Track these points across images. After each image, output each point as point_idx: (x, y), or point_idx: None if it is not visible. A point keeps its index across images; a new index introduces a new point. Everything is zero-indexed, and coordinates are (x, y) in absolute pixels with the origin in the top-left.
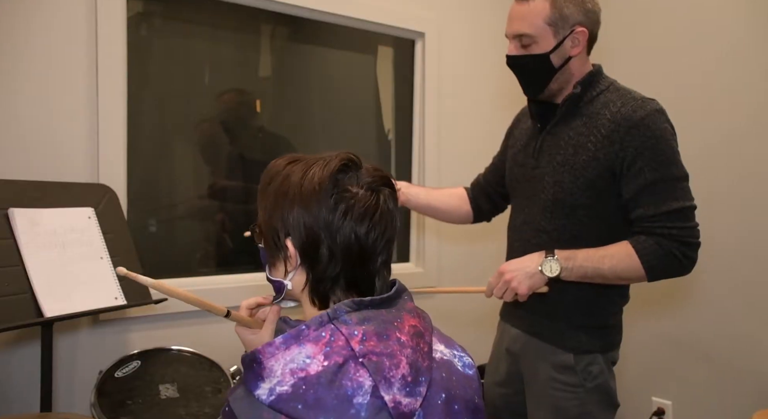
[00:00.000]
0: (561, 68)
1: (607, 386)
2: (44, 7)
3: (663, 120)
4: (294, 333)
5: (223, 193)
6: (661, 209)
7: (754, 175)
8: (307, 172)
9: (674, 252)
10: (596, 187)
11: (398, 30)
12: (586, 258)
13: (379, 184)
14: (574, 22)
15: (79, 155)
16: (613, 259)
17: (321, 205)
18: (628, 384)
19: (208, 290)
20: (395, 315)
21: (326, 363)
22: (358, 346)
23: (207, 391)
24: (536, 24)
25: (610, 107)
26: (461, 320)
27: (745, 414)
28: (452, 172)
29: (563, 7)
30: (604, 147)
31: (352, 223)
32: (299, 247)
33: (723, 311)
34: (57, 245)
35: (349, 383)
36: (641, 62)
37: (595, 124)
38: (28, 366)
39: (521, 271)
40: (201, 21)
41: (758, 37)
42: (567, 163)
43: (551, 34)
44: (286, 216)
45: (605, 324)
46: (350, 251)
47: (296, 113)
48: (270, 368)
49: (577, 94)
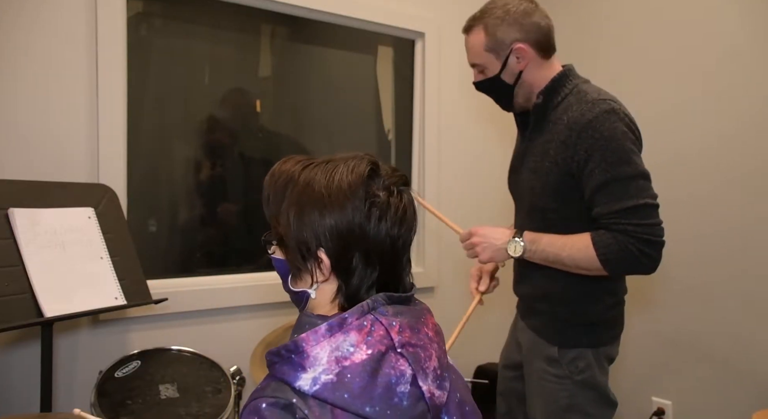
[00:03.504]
0: (516, 83)
1: (595, 381)
2: (44, 7)
3: (613, 120)
4: (337, 321)
5: (230, 213)
6: (614, 207)
7: (755, 175)
8: (332, 177)
9: (630, 248)
10: (560, 191)
11: (398, 30)
12: (549, 243)
13: (400, 184)
14: (510, 40)
15: (79, 155)
16: (572, 249)
17: (356, 212)
18: (628, 384)
19: (209, 290)
20: (420, 312)
21: (369, 351)
22: (397, 337)
23: (207, 391)
24: (479, 53)
25: (568, 112)
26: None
27: (745, 414)
28: (452, 172)
29: (496, 32)
30: (561, 152)
31: (386, 227)
32: (333, 256)
33: (723, 311)
34: (57, 245)
35: (392, 371)
36: (640, 62)
37: (557, 129)
38: (28, 366)
39: (488, 242)
40: (201, 21)
41: (757, 37)
42: (537, 169)
43: (494, 58)
44: (316, 226)
45: (594, 320)
46: (385, 255)
47: (296, 113)
48: (315, 356)
49: (540, 103)
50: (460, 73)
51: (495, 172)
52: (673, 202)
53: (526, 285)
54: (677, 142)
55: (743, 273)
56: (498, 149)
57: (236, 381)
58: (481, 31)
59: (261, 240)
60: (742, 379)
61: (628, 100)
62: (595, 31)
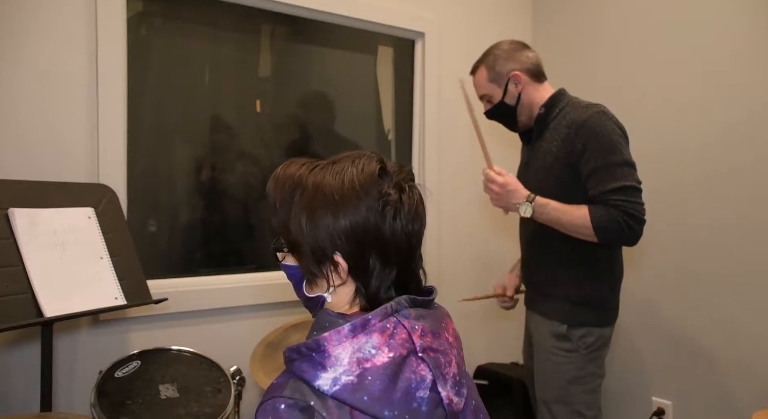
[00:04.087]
0: (518, 104)
1: (599, 355)
2: (44, 8)
3: (604, 119)
4: (360, 323)
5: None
6: (607, 188)
7: (755, 175)
8: (342, 178)
9: (618, 220)
10: (563, 182)
11: (398, 30)
12: (555, 208)
13: (408, 180)
14: (507, 71)
15: (79, 155)
16: (572, 216)
17: (370, 212)
18: (628, 384)
19: (209, 290)
20: (441, 316)
21: (391, 354)
22: (419, 341)
23: (207, 391)
24: (485, 85)
25: (566, 118)
26: (469, 320)
27: (745, 414)
28: (452, 172)
29: (495, 67)
30: (563, 147)
31: (401, 224)
32: (350, 259)
33: (723, 311)
34: (57, 245)
35: (413, 376)
36: (640, 61)
37: (558, 132)
38: (28, 366)
39: (505, 195)
40: (201, 21)
41: (757, 37)
42: (542, 166)
43: (496, 86)
44: (331, 229)
45: (599, 301)
46: (401, 253)
47: (296, 113)
48: (336, 356)
49: (542, 114)
50: (460, 73)
51: None
52: (673, 202)
53: (539, 272)
54: (678, 141)
55: (744, 274)
56: (498, 149)
57: (236, 381)
58: (483, 69)
59: (271, 248)
60: (742, 379)
61: (628, 99)
62: (596, 31)
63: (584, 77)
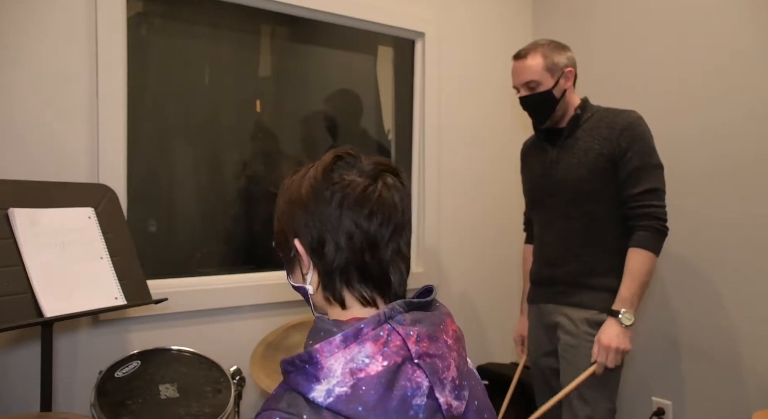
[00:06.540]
0: (561, 98)
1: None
2: (44, 8)
3: (643, 124)
4: (352, 332)
5: None
6: (642, 188)
7: (755, 175)
8: (306, 174)
9: (655, 226)
10: (603, 174)
11: (398, 30)
12: (628, 288)
13: (379, 171)
14: (563, 64)
15: (79, 155)
16: (639, 271)
17: (318, 201)
18: (628, 384)
19: (209, 290)
20: (439, 319)
21: (385, 363)
22: (415, 347)
23: (207, 391)
24: (538, 72)
25: (604, 120)
26: (469, 320)
27: (745, 414)
28: (452, 171)
29: (553, 57)
30: (606, 145)
31: (350, 212)
32: (308, 247)
33: (723, 311)
34: (57, 245)
35: (408, 383)
36: (639, 61)
37: (597, 132)
38: (28, 366)
39: (615, 337)
40: (201, 21)
41: (758, 37)
42: (581, 162)
43: (549, 76)
44: (293, 220)
45: None
46: (354, 240)
47: (296, 113)
48: (329, 367)
49: (578, 115)
50: (460, 73)
51: (495, 172)
52: (672, 201)
53: (572, 265)
54: (676, 139)
55: (744, 274)
56: (498, 149)
57: (236, 381)
58: (539, 56)
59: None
60: (742, 379)
61: (628, 99)
62: (596, 31)
63: (584, 77)
